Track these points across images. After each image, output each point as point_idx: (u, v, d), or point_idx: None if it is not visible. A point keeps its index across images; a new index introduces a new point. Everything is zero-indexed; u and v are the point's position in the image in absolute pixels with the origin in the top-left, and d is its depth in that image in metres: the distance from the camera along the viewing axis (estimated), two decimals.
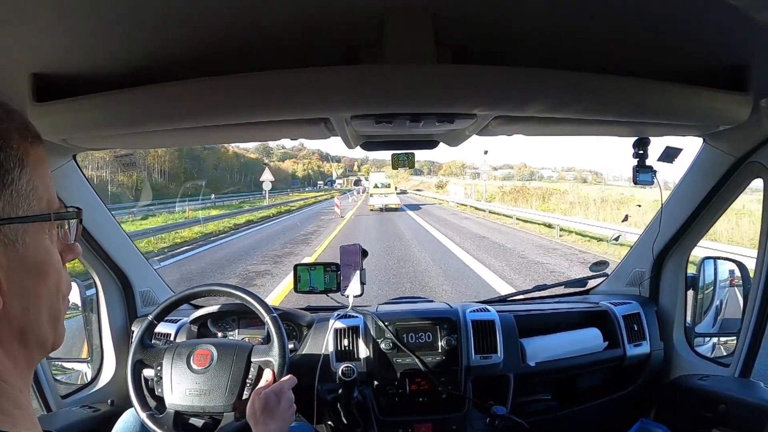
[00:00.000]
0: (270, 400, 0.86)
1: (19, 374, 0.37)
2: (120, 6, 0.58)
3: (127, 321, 1.40)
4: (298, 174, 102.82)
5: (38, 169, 0.38)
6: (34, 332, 0.38)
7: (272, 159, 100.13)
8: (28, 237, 0.37)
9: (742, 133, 0.99)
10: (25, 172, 0.36)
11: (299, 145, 79.68)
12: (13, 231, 0.35)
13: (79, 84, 0.74)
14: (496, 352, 1.27)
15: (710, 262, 1.39)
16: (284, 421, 0.86)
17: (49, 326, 0.39)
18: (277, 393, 0.88)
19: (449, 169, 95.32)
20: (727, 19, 0.65)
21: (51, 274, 0.39)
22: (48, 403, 1.13)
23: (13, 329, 0.36)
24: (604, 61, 0.76)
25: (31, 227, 0.37)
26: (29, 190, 0.37)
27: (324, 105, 0.74)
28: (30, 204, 0.37)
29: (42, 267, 0.38)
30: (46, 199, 0.39)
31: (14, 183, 0.35)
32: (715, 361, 1.29)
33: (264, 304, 1.08)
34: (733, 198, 1.18)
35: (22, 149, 0.37)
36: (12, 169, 0.35)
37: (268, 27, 0.67)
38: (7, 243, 0.35)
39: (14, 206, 0.35)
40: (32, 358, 0.39)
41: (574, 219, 11.30)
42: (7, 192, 0.35)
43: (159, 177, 36.31)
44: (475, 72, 0.70)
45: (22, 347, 0.37)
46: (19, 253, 0.36)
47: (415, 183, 65.40)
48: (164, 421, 1.00)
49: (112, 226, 1.33)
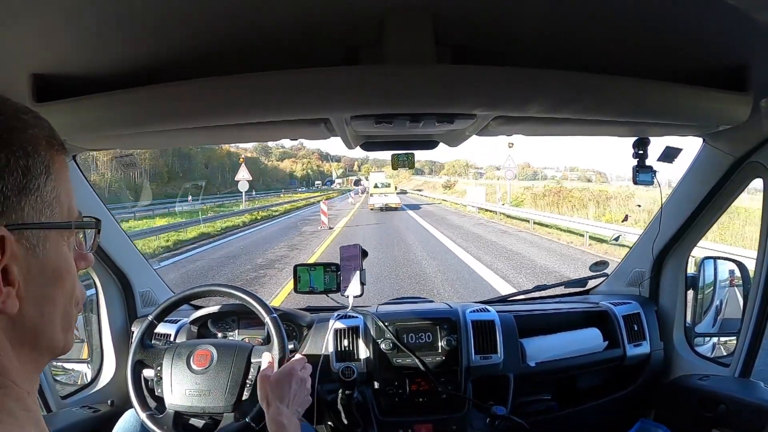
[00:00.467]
0: (281, 380, 0.86)
1: (27, 377, 0.37)
2: (120, 6, 0.58)
3: (127, 321, 1.40)
4: (297, 174, 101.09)
5: (61, 177, 0.39)
6: (46, 337, 0.38)
7: (271, 159, 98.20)
8: (48, 243, 0.37)
9: (742, 133, 0.99)
10: (50, 179, 0.37)
11: (299, 144, 78.49)
12: (35, 236, 0.36)
13: (79, 84, 0.74)
14: (496, 353, 1.27)
15: (710, 262, 1.39)
16: (298, 403, 0.86)
17: (62, 332, 0.39)
18: (288, 373, 0.88)
19: (452, 168, 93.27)
20: (727, 19, 0.65)
21: (67, 281, 0.39)
22: (48, 404, 1.13)
23: (26, 333, 0.36)
24: (604, 61, 0.76)
25: (51, 234, 0.37)
26: (53, 197, 0.37)
27: (324, 105, 0.74)
28: (53, 211, 0.37)
29: (59, 273, 0.38)
30: (67, 207, 0.39)
31: (40, 189, 0.36)
32: (715, 361, 1.29)
33: (264, 305, 1.08)
34: (733, 198, 1.18)
35: (48, 157, 0.37)
36: (38, 176, 0.36)
37: (268, 27, 0.67)
38: (29, 248, 0.36)
39: (38, 212, 0.36)
40: (41, 362, 0.39)
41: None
42: (32, 198, 0.36)
43: (138, 177, 29.52)
44: (475, 72, 0.70)
45: (33, 351, 0.37)
46: (39, 259, 0.36)
47: (417, 183, 63.27)
48: (164, 422, 1.00)
49: (111, 226, 1.33)
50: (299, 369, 0.91)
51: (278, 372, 0.89)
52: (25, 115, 0.37)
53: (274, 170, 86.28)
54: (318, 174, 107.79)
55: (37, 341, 0.37)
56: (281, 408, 0.82)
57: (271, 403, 0.83)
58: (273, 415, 0.81)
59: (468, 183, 38.14)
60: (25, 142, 0.36)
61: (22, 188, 0.35)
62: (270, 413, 0.82)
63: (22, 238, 0.35)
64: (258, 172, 65.80)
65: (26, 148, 0.35)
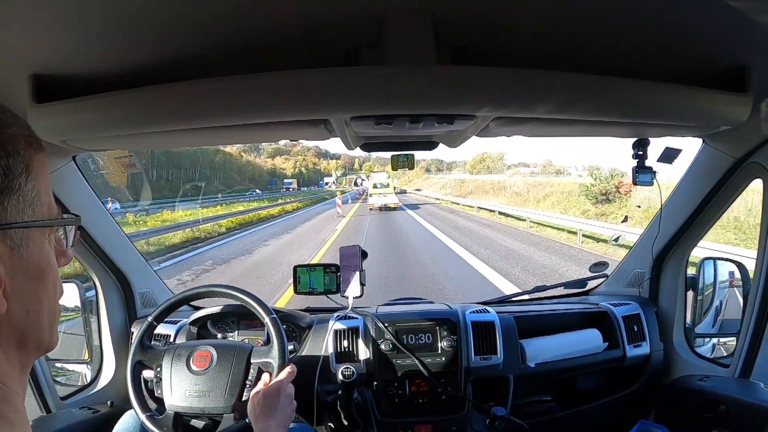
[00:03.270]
0: (269, 398, 0.87)
1: (16, 377, 0.37)
2: (120, 7, 0.58)
3: (127, 322, 1.39)
4: (287, 172, 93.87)
5: (41, 175, 0.39)
6: (33, 335, 0.38)
7: (262, 155, 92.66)
8: (31, 242, 0.37)
9: (741, 133, 1.00)
10: (30, 178, 0.37)
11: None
12: (18, 236, 0.36)
13: (79, 85, 0.74)
14: (495, 353, 1.27)
15: (710, 262, 1.39)
16: (285, 418, 0.87)
17: (48, 329, 0.40)
18: (276, 390, 0.89)
19: (481, 164, 63.96)
20: (727, 21, 0.65)
21: (50, 278, 0.39)
22: (48, 405, 1.13)
23: (14, 332, 0.37)
24: (604, 62, 0.76)
25: (34, 232, 0.38)
26: (33, 196, 0.37)
27: (324, 106, 0.74)
28: (34, 210, 0.38)
29: (43, 271, 0.39)
30: (47, 205, 0.39)
31: (21, 189, 0.36)
32: (715, 361, 1.29)
33: (263, 305, 1.07)
34: (733, 199, 1.18)
35: (27, 156, 0.37)
36: (19, 175, 0.36)
37: (269, 28, 0.67)
38: (13, 247, 0.36)
39: (21, 211, 0.36)
40: (28, 361, 0.39)
41: None
42: (14, 197, 0.36)
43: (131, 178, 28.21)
44: (475, 73, 0.70)
45: (20, 350, 0.37)
46: (23, 258, 0.36)
47: (434, 181, 58.37)
48: (164, 423, 0.99)
49: (111, 227, 1.33)
50: (286, 384, 0.92)
51: (266, 389, 0.90)
52: (2, 114, 0.37)
53: (246, 167, 75.08)
54: (314, 172, 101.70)
55: (24, 340, 0.37)
56: (270, 423, 0.83)
57: (259, 419, 0.84)
58: (262, 429, 0.83)
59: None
60: (5, 142, 0.36)
61: (4, 188, 0.35)
62: (258, 428, 0.83)
63: (6, 237, 0.35)
64: (212, 169, 55.65)
65: (6, 148, 0.35)
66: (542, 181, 26.32)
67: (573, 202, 17.55)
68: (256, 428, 0.84)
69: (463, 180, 43.29)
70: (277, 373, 0.99)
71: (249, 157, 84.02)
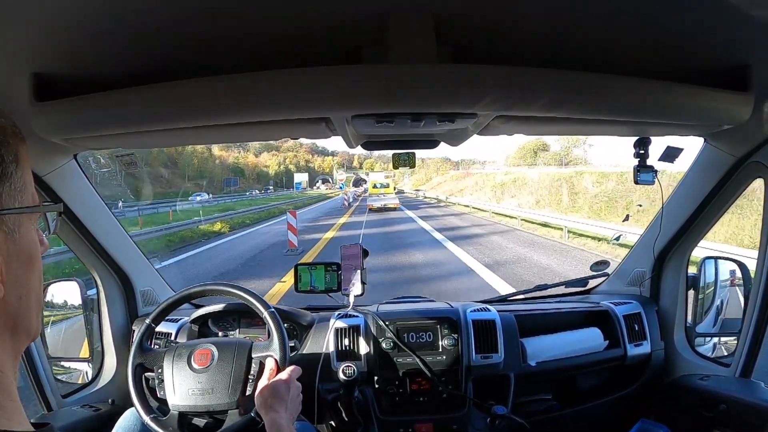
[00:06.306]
0: (280, 388, 0.88)
1: (9, 365, 0.38)
2: (121, 5, 0.58)
3: (128, 320, 1.40)
4: (270, 171, 80.00)
5: (26, 165, 0.41)
6: (24, 321, 0.39)
7: (248, 151, 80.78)
8: (22, 228, 0.39)
9: (743, 132, 0.99)
10: (19, 167, 0.39)
11: None
12: (11, 221, 0.37)
13: (80, 83, 0.74)
14: (496, 352, 1.27)
15: (711, 261, 1.39)
16: (294, 410, 0.88)
17: (36, 315, 0.41)
18: (285, 381, 0.90)
19: (522, 158, 43.60)
20: (728, 19, 0.65)
21: (37, 264, 0.41)
22: (49, 403, 1.14)
23: (8, 318, 0.37)
24: (606, 60, 0.76)
25: (24, 218, 0.39)
26: (21, 184, 0.39)
27: (325, 105, 0.74)
28: (23, 197, 0.39)
29: (32, 257, 0.40)
30: (31, 193, 0.41)
31: (12, 176, 0.38)
32: (715, 361, 1.29)
33: (261, 300, 1.07)
34: (734, 198, 1.18)
35: (15, 145, 0.39)
36: (10, 164, 0.38)
37: (270, 27, 0.67)
38: (7, 233, 0.37)
39: (12, 198, 0.38)
40: (19, 348, 0.40)
41: None
42: (7, 184, 0.37)
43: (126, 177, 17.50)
44: (477, 71, 0.70)
45: (12, 336, 0.38)
46: (16, 244, 0.38)
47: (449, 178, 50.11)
48: (168, 423, 0.99)
49: (112, 225, 1.33)
50: (294, 378, 0.93)
51: (275, 381, 0.91)
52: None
53: (204, 163, 56.52)
54: (307, 171, 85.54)
55: (16, 325, 0.38)
56: (280, 412, 0.84)
57: (270, 408, 0.85)
58: (273, 419, 0.83)
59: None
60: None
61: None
62: (269, 418, 0.83)
63: (2, 224, 0.37)
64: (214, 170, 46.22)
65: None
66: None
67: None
68: (266, 419, 0.84)
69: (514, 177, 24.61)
70: (280, 364, 0.99)
71: (236, 153, 73.08)
